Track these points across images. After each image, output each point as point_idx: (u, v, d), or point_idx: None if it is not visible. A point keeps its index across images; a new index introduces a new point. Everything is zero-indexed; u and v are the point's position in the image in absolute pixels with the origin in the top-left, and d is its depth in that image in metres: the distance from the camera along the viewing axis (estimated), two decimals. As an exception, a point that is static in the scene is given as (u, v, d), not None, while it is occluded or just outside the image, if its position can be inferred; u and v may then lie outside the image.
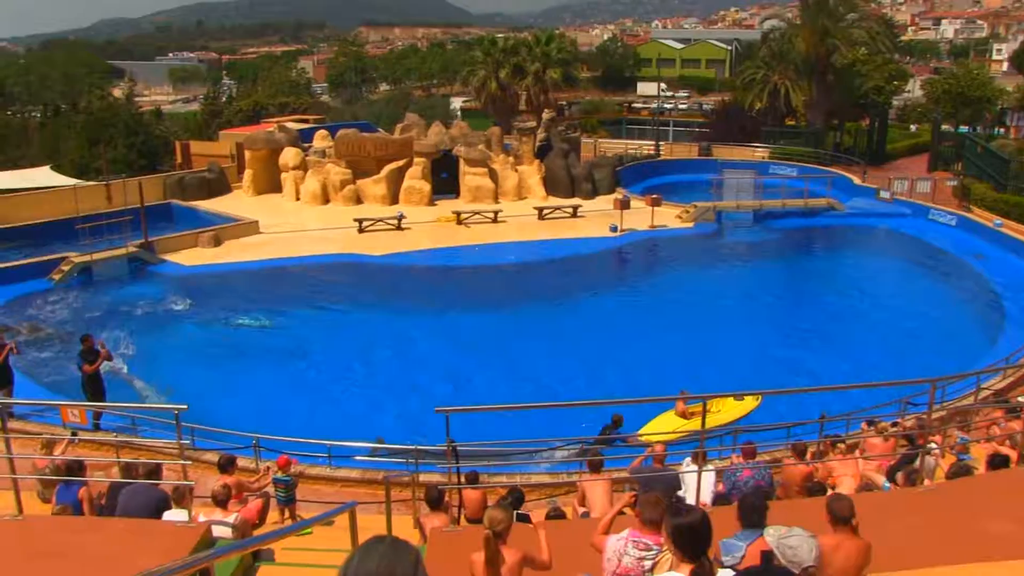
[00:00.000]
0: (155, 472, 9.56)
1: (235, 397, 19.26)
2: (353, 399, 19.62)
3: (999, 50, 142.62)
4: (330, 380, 20.73)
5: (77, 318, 24.93)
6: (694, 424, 17.10)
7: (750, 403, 18.19)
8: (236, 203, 39.11)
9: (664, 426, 17.39)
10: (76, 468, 10.21)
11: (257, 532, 9.92)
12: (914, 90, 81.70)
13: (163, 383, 19.79)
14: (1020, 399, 14.08)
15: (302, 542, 9.87)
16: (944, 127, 53.29)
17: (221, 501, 9.42)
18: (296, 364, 21.77)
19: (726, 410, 17.88)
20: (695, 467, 9.73)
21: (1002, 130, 57.50)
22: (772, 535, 5.35)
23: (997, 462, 10.41)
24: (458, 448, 9.40)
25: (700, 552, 4.68)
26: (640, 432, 17.07)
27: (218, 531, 8.63)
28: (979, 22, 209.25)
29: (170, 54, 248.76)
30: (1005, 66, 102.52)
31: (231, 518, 9.29)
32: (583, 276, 30.56)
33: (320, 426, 17.14)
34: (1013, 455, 10.81)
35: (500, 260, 31.59)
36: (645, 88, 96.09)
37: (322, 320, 25.31)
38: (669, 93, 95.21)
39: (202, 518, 8.73)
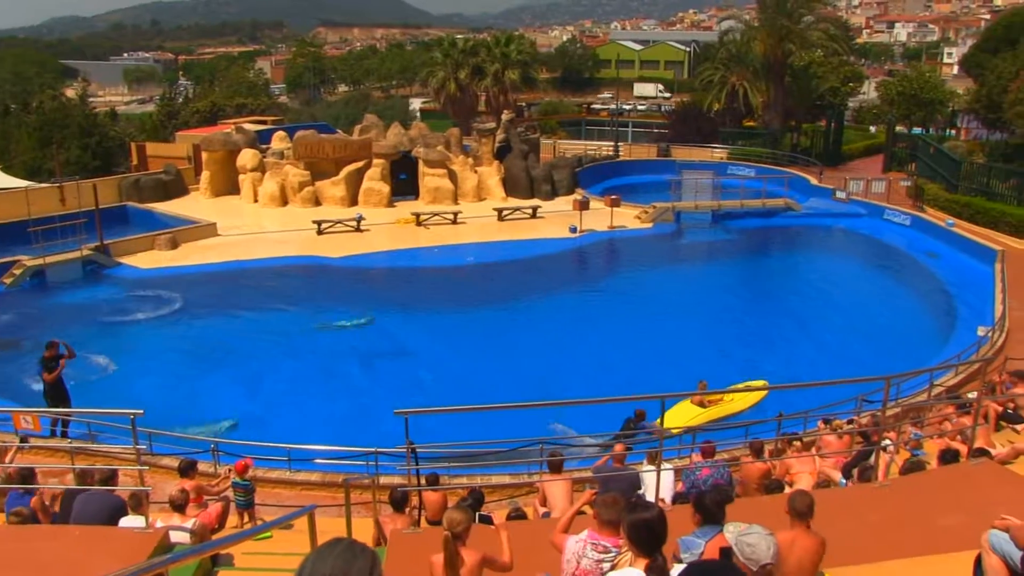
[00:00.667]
0: (111, 478, 9.40)
1: (194, 401, 19.04)
2: (312, 401, 19.47)
3: (949, 54, 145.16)
4: (288, 383, 20.56)
5: (29, 323, 24.48)
6: (711, 413, 18.06)
7: (759, 392, 18.83)
8: (193, 205, 38.66)
9: (682, 416, 17.94)
10: (28, 476, 10.01)
11: (216, 537, 9.81)
12: (869, 92, 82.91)
13: (120, 388, 19.49)
14: (970, 395, 14.35)
15: (262, 546, 9.80)
16: (898, 128, 54.18)
17: (178, 506, 9.29)
18: (255, 367, 21.55)
19: (738, 399, 18.68)
20: (654, 467, 9.81)
21: (953, 132, 58.60)
22: (731, 532, 5.40)
23: (948, 457, 10.61)
24: (417, 450, 9.39)
25: (656, 548, 4.72)
26: (658, 423, 17.29)
27: (176, 536, 8.52)
28: (931, 26, 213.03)
29: (125, 54, 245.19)
30: (955, 69, 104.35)
31: (190, 523, 9.17)
32: (543, 277, 30.60)
33: (279, 429, 17.03)
34: (964, 450, 11.02)
35: (460, 261, 31.55)
36: (642, 89, 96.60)
37: (279, 322, 25.09)
38: (667, 95, 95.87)
39: (159, 524, 8.61)
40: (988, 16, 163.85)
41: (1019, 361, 17.55)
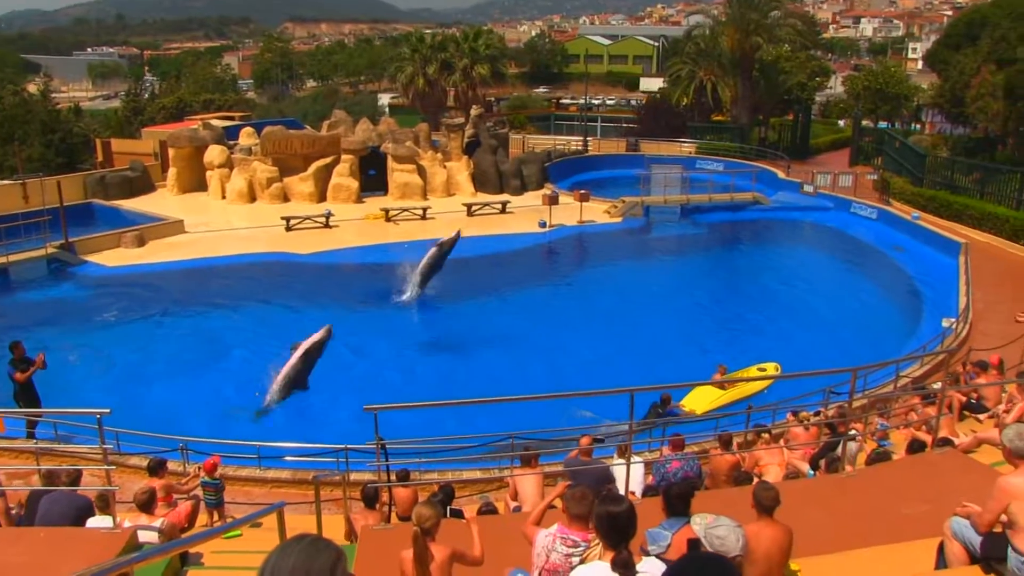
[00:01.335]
0: (77, 479, 9.28)
1: (163, 398, 18.86)
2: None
3: (914, 49, 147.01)
4: (255, 379, 20.39)
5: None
6: (731, 395, 18.93)
7: (771, 373, 19.57)
8: (160, 202, 38.24)
9: (703, 398, 18.56)
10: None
11: (186, 536, 9.73)
12: (836, 86, 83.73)
13: (88, 385, 19.25)
14: (935, 386, 14.54)
15: (232, 544, 9.73)
16: (864, 122, 54.77)
17: (143, 505, 9.17)
18: (223, 364, 21.38)
19: (744, 388, 19.23)
20: (623, 460, 9.86)
21: (918, 126, 59.32)
22: (699, 524, 5.44)
23: (915, 447, 10.77)
24: (387, 446, 9.37)
25: (624, 542, 4.74)
26: (681, 403, 18.36)
27: (144, 536, 8.44)
28: (895, 22, 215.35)
29: (88, 49, 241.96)
30: (920, 64, 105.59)
31: (158, 522, 9.08)
32: (513, 272, 30.61)
33: (249, 427, 16.92)
34: (929, 439, 11.18)
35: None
36: (648, 83, 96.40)
37: (248, 320, 24.90)
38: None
39: (127, 524, 8.52)
40: (950, 12, 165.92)
41: (982, 352, 17.79)
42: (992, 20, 40.03)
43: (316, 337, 19.13)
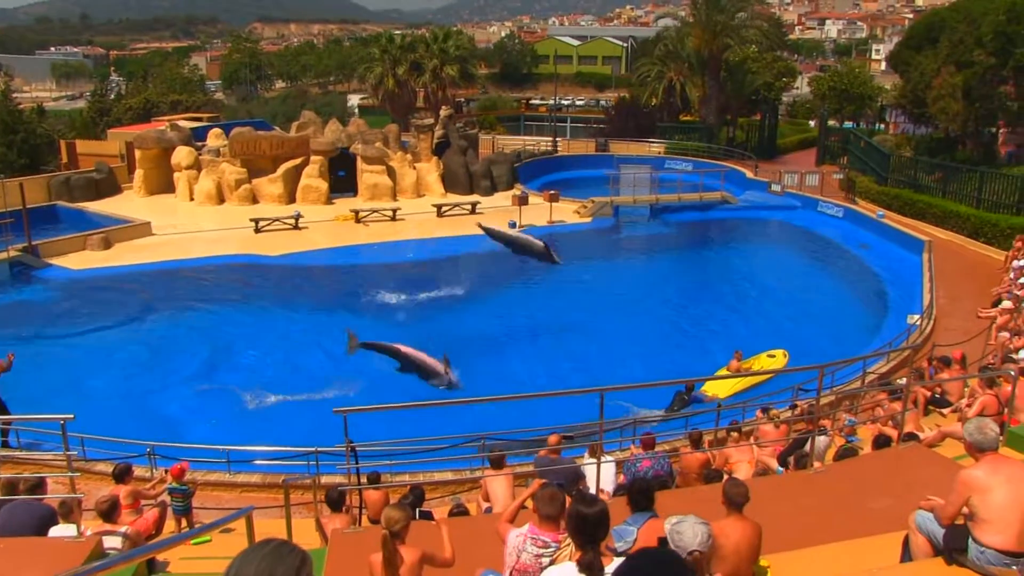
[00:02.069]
0: (38, 487, 9.11)
1: (131, 403, 18.66)
2: (251, 401, 19.20)
3: (877, 50, 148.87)
4: (226, 383, 20.25)
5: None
6: (747, 380, 19.57)
7: (781, 359, 20.69)
8: (127, 204, 37.84)
9: (723, 383, 19.24)
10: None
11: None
12: (802, 87, 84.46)
13: (53, 390, 18.97)
14: (901, 381, 14.70)
15: (199, 551, 9.63)
16: (831, 123, 55.32)
17: (106, 513, 9.02)
18: (194, 368, 21.19)
19: (767, 366, 20.45)
20: (595, 459, 9.89)
21: (883, 126, 59.99)
22: (668, 523, 5.47)
23: (881, 442, 10.88)
24: (357, 448, 9.32)
25: (595, 542, 4.74)
26: (703, 389, 19.36)
27: (110, 544, 8.32)
28: (859, 23, 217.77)
29: (52, 48, 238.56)
30: (883, 65, 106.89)
31: (123, 529, 8.94)
32: (483, 272, 30.59)
33: (218, 430, 16.76)
34: (895, 435, 11.31)
35: (399, 258, 31.41)
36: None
37: (217, 322, 24.69)
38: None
39: (90, 532, 8.39)
40: (911, 15, 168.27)
41: (946, 348, 18.03)
42: (950, 23, 40.60)
43: (430, 362, 19.67)
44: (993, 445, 5.86)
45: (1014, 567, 5.54)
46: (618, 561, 5.32)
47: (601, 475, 10.16)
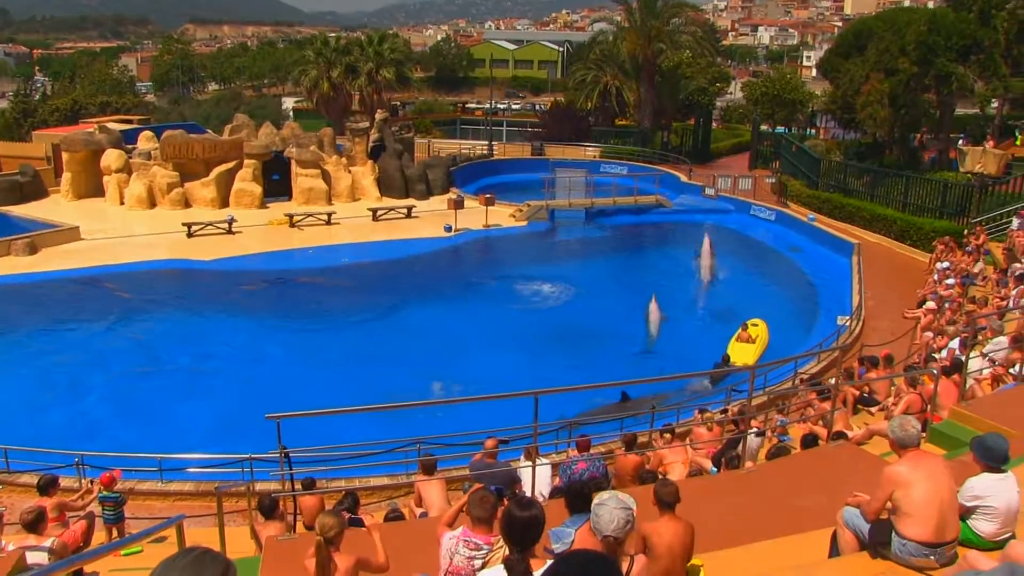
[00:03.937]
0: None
1: (57, 413, 18.16)
2: (184, 408, 18.83)
3: (808, 57, 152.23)
4: (158, 390, 19.83)
5: None
6: (759, 346, 21.79)
7: (763, 328, 22.88)
8: (54, 208, 36.79)
9: (743, 352, 21.36)
10: None
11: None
12: (735, 92, 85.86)
13: None
14: (830, 381, 15.02)
15: (131, 562, 9.44)
16: (763, 127, 56.35)
17: (30, 525, 8.74)
18: (123, 375, 20.72)
19: (754, 333, 22.36)
20: (530, 462, 9.90)
21: (813, 131, 61.29)
22: (595, 500, 5.49)
23: (808, 441, 11.11)
24: (291, 454, 9.21)
25: (527, 545, 4.73)
26: (733, 361, 20.68)
27: (34, 558, 8.08)
28: (791, 30, 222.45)
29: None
30: (814, 72, 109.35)
31: (48, 542, 8.67)
32: (419, 276, 30.46)
33: (149, 439, 16.39)
34: (823, 433, 11.55)
35: (334, 262, 31.14)
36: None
37: (148, 328, 24.19)
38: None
39: (12, 547, 8.13)
40: (840, 23, 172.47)
41: (874, 348, 18.49)
42: (877, 32, 41.73)
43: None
44: (915, 442, 6.02)
45: (931, 557, 5.72)
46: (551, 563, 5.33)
47: (537, 478, 10.18)
